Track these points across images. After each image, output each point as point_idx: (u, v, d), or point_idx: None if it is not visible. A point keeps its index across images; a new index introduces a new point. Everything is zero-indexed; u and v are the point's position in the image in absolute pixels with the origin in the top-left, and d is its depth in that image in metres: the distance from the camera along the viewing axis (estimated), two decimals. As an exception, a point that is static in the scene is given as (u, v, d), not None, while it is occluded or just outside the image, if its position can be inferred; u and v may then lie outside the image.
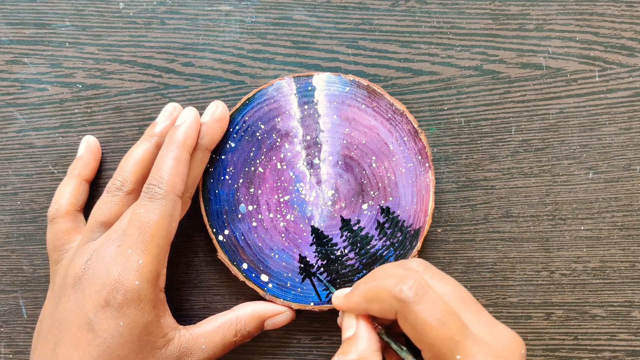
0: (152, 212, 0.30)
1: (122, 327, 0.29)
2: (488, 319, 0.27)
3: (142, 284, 0.29)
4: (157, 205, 0.30)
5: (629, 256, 0.36)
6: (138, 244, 0.29)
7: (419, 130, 0.34)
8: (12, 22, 0.36)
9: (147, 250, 0.29)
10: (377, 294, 0.27)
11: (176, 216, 0.31)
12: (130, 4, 0.36)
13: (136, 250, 0.29)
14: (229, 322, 0.33)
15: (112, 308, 0.29)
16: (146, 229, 0.29)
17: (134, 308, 0.29)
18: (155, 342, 0.30)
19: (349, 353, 0.28)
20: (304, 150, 0.34)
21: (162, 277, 0.31)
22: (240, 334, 0.33)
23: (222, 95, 0.36)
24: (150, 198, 0.30)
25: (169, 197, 0.30)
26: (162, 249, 0.30)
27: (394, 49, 0.36)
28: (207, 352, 0.32)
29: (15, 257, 0.37)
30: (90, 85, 0.36)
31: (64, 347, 0.29)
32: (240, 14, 0.36)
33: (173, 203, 0.30)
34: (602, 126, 0.36)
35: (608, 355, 0.36)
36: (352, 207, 0.34)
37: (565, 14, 0.36)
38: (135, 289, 0.29)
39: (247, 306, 0.34)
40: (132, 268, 0.29)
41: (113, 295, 0.29)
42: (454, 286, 0.27)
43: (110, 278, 0.29)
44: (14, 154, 0.36)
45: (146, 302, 0.29)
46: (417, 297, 0.26)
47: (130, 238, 0.29)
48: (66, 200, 0.34)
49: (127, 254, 0.29)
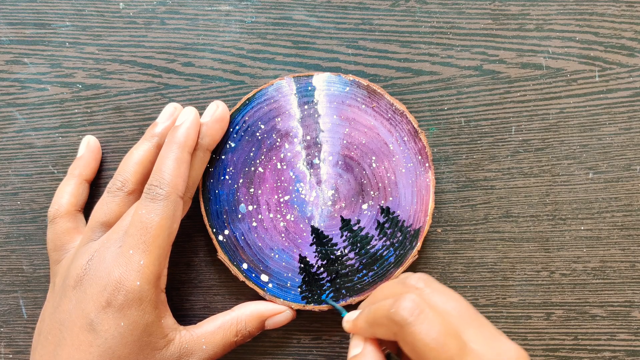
0: (153, 213, 0.30)
1: (123, 328, 0.29)
2: (491, 334, 0.26)
3: (143, 284, 0.29)
4: (158, 207, 0.30)
5: (629, 256, 0.36)
6: (140, 245, 0.29)
7: (419, 130, 0.34)
8: (12, 22, 0.36)
9: (149, 251, 0.29)
10: (377, 319, 0.27)
11: (178, 217, 0.31)
12: (130, 4, 0.36)
13: (138, 251, 0.29)
14: (230, 322, 0.33)
15: (113, 309, 0.29)
16: (148, 230, 0.29)
17: (135, 309, 0.29)
18: (156, 342, 0.30)
19: None
20: (304, 150, 0.34)
21: (164, 278, 0.31)
22: (240, 333, 0.33)
23: (222, 95, 0.36)
24: (152, 199, 0.30)
25: (170, 198, 0.30)
26: (164, 250, 0.30)
27: (394, 49, 0.36)
28: (207, 353, 0.32)
29: (15, 257, 0.37)
30: (90, 85, 0.36)
31: (64, 347, 0.29)
32: (240, 14, 0.36)
33: (175, 204, 0.30)
34: (602, 126, 0.36)
35: (608, 355, 0.36)
36: (352, 207, 0.34)
37: (565, 14, 0.36)
38: (136, 290, 0.29)
39: (247, 306, 0.34)
40: (134, 269, 0.29)
41: (114, 296, 0.29)
42: (455, 302, 0.27)
43: (111, 279, 0.29)
44: (14, 154, 0.36)
45: (147, 303, 0.29)
46: (413, 317, 0.25)
47: (132, 239, 0.29)
48: (66, 200, 0.34)
49: (129, 255, 0.29)
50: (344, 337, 0.36)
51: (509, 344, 0.25)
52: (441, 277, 0.36)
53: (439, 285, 0.28)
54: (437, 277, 0.36)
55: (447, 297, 0.27)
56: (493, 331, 0.26)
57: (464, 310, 0.26)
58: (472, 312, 0.27)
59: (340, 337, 0.36)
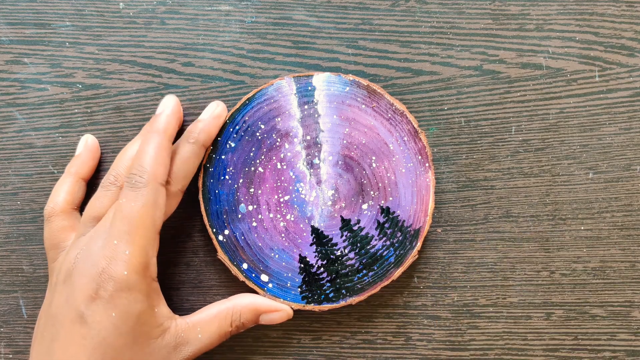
0: (134, 201, 0.30)
1: (115, 319, 0.29)
2: None
3: (130, 274, 0.29)
4: (139, 195, 0.30)
5: (629, 256, 0.36)
6: (123, 235, 0.29)
7: (419, 130, 0.34)
8: (12, 22, 0.36)
9: (133, 241, 0.29)
10: None
11: (160, 204, 0.30)
12: (130, 4, 0.36)
13: (122, 241, 0.29)
14: (226, 311, 0.33)
15: (103, 300, 0.29)
16: (130, 219, 0.29)
17: (125, 298, 0.29)
18: (151, 331, 0.30)
19: None
20: (304, 150, 0.34)
21: (153, 266, 0.31)
22: (234, 324, 0.33)
23: (222, 95, 0.36)
24: (132, 187, 0.30)
25: (150, 185, 0.30)
26: (149, 239, 0.30)
27: (394, 49, 0.36)
28: (203, 342, 0.32)
29: (15, 257, 0.37)
30: (90, 85, 0.36)
31: (59, 342, 0.29)
32: (240, 14, 0.36)
33: (155, 191, 0.30)
34: (602, 126, 0.36)
35: (608, 355, 0.36)
36: (352, 207, 0.34)
37: (565, 14, 0.36)
38: (124, 279, 0.29)
39: (244, 297, 0.34)
40: (120, 259, 0.29)
41: (103, 286, 0.29)
42: None
43: (98, 270, 0.29)
44: (14, 154, 0.36)
45: (137, 291, 0.29)
46: None
47: (116, 229, 0.29)
48: (62, 198, 0.34)
49: (114, 246, 0.29)
50: (344, 337, 0.36)
51: None
52: (441, 277, 0.36)
53: None
54: (437, 277, 0.36)
55: None
56: None
57: None
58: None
59: (340, 337, 0.36)
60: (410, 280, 0.36)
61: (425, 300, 0.36)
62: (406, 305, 0.36)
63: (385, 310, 0.36)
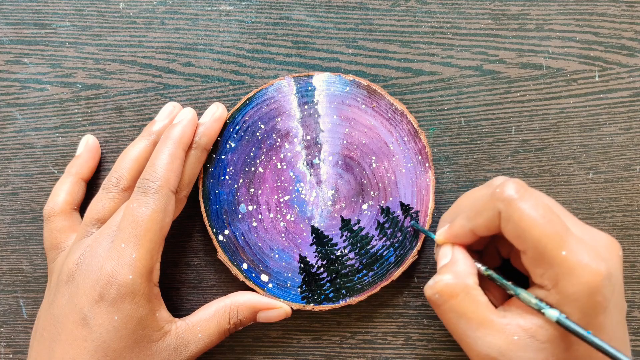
0: (145, 206, 0.30)
1: (117, 322, 0.29)
2: (583, 224, 0.28)
3: (135, 278, 0.29)
4: (150, 200, 0.30)
5: (629, 256, 0.36)
6: (131, 239, 0.29)
7: (419, 130, 0.34)
8: (12, 22, 0.36)
9: (141, 245, 0.29)
10: (478, 207, 0.27)
11: (170, 211, 0.31)
12: (130, 4, 0.36)
13: (129, 244, 0.29)
14: (224, 308, 0.33)
15: (106, 303, 0.29)
16: (139, 223, 0.29)
17: (128, 302, 0.29)
18: (151, 335, 0.30)
19: (445, 274, 0.28)
20: (304, 150, 0.34)
21: (156, 271, 0.31)
22: (232, 321, 0.33)
23: (222, 95, 0.36)
24: (143, 192, 0.30)
25: (162, 191, 0.30)
26: (156, 244, 0.30)
27: (394, 49, 0.36)
28: (203, 341, 0.32)
29: (15, 257, 0.37)
30: (90, 85, 0.36)
31: (59, 343, 0.29)
32: (240, 14, 0.36)
33: (166, 198, 0.30)
34: (602, 126, 0.36)
35: (608, 355, 0.36)
36: (352, 207, 0.34)
37: (565, 14, 0.36)
38: (129, 284, 0.29)
39: (242, 294, 0.34)
40: (126, 262, 0.29)
41: (107, 289, 0.29)
42: (545, 195, 0.28)
43: (103, 273, 0.29)
44: (14, 154, 0.36)
45: (140, 296, 0.29)
46: (520, 194, 0.26)
47: (124, 232, 0.29)
48: (62, 198, 0.34)
49: (121, 249, 0.29)
50: (344, 337, 0.36)
51: (602, 233, 0.27)
52: (441, 277, 0.36)
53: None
54: (437, 277, 0.36)
55: (537, 191, 0.28)
56: (584, 224, 0.28)
57: (558, 205, 0.28)
58: (565, 210, 0.28)
59: (340, 337, 0.36)
60: (410, 280, 0.36)
61: (425, 300, 0.36)
62: (406, 305, 0.36)
63: (385, 310, 0.36)
